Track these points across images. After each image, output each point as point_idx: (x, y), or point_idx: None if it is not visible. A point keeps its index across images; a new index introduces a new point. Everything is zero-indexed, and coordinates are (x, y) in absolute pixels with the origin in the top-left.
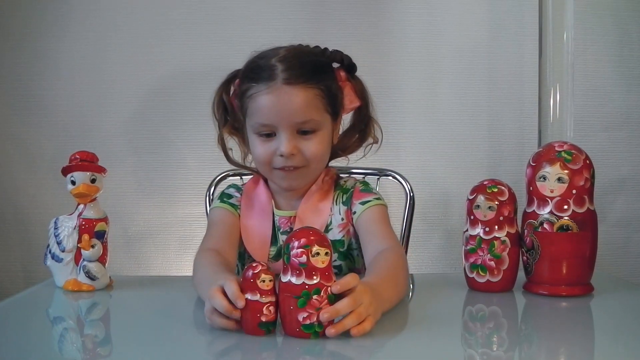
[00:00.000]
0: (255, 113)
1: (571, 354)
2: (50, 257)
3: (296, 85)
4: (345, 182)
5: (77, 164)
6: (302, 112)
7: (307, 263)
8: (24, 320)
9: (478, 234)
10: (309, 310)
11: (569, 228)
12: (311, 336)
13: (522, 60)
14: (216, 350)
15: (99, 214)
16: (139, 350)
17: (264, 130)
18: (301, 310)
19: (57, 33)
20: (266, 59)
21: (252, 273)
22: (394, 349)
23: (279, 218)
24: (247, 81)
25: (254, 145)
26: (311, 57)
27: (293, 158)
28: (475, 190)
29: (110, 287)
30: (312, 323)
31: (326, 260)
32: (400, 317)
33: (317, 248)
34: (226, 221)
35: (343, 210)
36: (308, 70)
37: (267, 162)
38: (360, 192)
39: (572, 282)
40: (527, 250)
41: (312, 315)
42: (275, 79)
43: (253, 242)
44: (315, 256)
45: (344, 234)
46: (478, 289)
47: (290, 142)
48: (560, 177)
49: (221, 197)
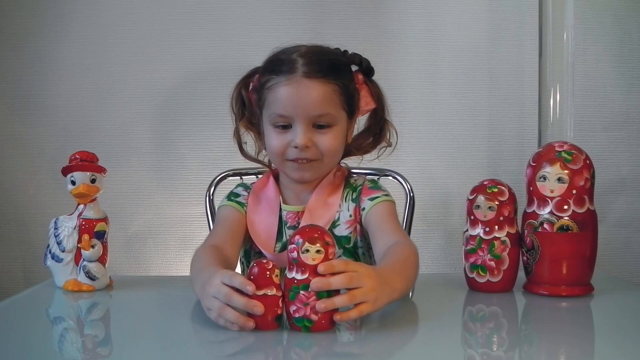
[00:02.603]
0: (273, 104)
1: (571, 354)
2: (50, 257)
3: (315, 79)
4: (355, 181)
5: (77, 164)
6: (319, 105)
7: (298, 259)
8: (24, 320)
9: (478, 234)
10: (298, 304)
11: (569, 228)
12: (302, 329)
13: (522, 60)
14: (216, 350)
15: (99, 214)
16: (139, 350)
17: (280, 122)
18: (291, 304)
19: (58, 33)
20: (287, 53)
21: (268, 269)
22: (394, 349)
23: (286, 213)
24: (267, 74)
25: (270, 136)
26: (331, 55)
27: (307, 150)
28: (475, 190)
29: (110, 287)
30: (301, 317)
31: (317, 258)
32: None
33: (307, 245)
34: (231, 219)
35: (352, 207)
36: (327, 67)
37: (281, 153)
38: (368, 189)
39: (572, 282)
40: (527, 250)
41: (300, 309)
42: (295, 71)
43: (259, 237)
44: (304, 253)
45: (350, 230)
46: (478, 289)
47: (305, 134)
48: (561, 177)
49: (229, 196)
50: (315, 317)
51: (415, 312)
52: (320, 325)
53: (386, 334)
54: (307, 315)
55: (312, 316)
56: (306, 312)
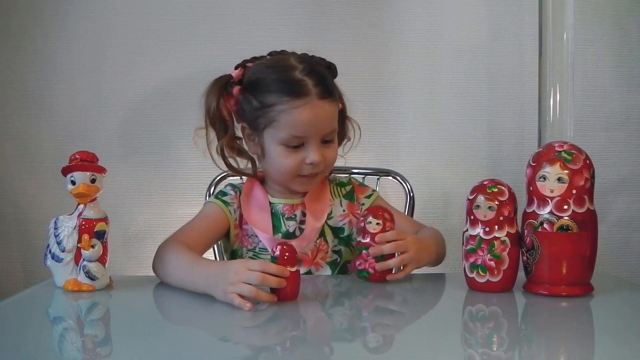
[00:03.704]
0: (287, 126)
1: (571, 354)
2: (50, 257)
3: (327, 100)
4: (334, 178)
5: (77, 164)
6: (330, 123)
7: (363, 227)
8: (24, 320)
9: (478, 234)
10: (361, 259)
11: (569, 228)
12: (362, 278)
13: (522, 60)
14: (216, 350)
15: (99, 214)
16: (139, 350)
17: (295, 142)
18: (357, 259)
19: (57, 33)
20: (287, 71)
21: (292, 249)
22: (394, 349)
23: (282, 206)
24: (271, 95)
25: (280, 155)
26: (325, 71)
27: (319, 165)
28: (475, 190)
29: (110, 287)
30: (361, 269)
31: (377, 228)
32: (400, 317)
33: (371, 218)
34: (211, 218)
35: (345, 203)
36: (331, 84)
37: (295, 171)
38: (359, 186)
39: (572, 282)
40: (527, 250)
41: (362, 264)
42: (309, 94)
43: (260, 232)
44: (368, 223)
45: (345, 222)
46: (478, 289)
47: (319, 151)
48: (560, 177)
49: (217, 194)
50: (371, 271)
51: (415, 311)
52: (375, 277)
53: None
54: (366, 269)
55: (369, 270)
56: (366, 266)
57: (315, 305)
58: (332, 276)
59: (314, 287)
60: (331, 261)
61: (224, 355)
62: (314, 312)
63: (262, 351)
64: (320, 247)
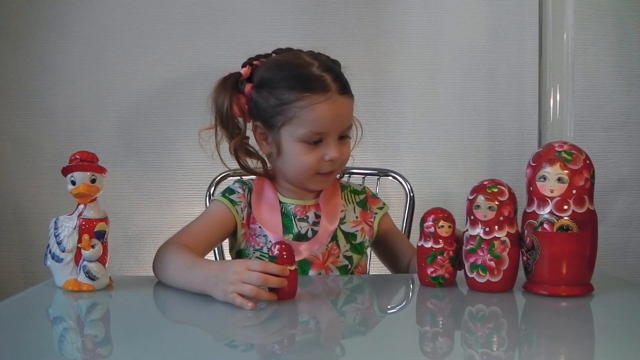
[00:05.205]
0: (308, 122)
1: (571, 354)
2: (50, 257)
3: (345, 95)
4: (349, 184)
5: (77, 164)
6: (349, 119)
7: (435, 232)
8: (24, 320)
9: (478, 234)
10: (435, 266)
11: (569, 228)
12: (437, 285)
13: (522, 60)
14: (216, 350)
15: (99, 214)
16: (139, 350)
17: (315, 138)
18: (429, 266)
19: (58, 33)
20: (304, 67)
21: (290, 247)
22: (394, 349)
23: (294, 206)
24: (290, 91)
25: (298, 152)
26: (338, 65)
27: (336, 162)
28: (475, 190)
29: (110, 287)
30: (437, 276)
31: (449, 231)
32: (400, 317)
33: (442, 222)
34: (216, 219)
35: (358, 210)
36: (346, 80)
37: (314, 168)
38: (372, 197)
39: (572, 282)
40: (527, 250)
41: (437, 270)
42: (330, 89)
43: (270, 232)
44: (440, 228)
45: (357, 229)
46: (478, 289)
47: (337, 147)
48: (560, 177)
49: (224, 192)
50: (447, 276)
51: (415, 311)
52: (450, 282)
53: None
54: (442, 275)
55: (446, 275)
56: (442, 273)
57: (315, 304)
58: (339, 276)
59: (314, 286)
60: (342, 266)
61: (224, 356)
62: (312, 311)
63: (264, 350)
64: (331, 250)
